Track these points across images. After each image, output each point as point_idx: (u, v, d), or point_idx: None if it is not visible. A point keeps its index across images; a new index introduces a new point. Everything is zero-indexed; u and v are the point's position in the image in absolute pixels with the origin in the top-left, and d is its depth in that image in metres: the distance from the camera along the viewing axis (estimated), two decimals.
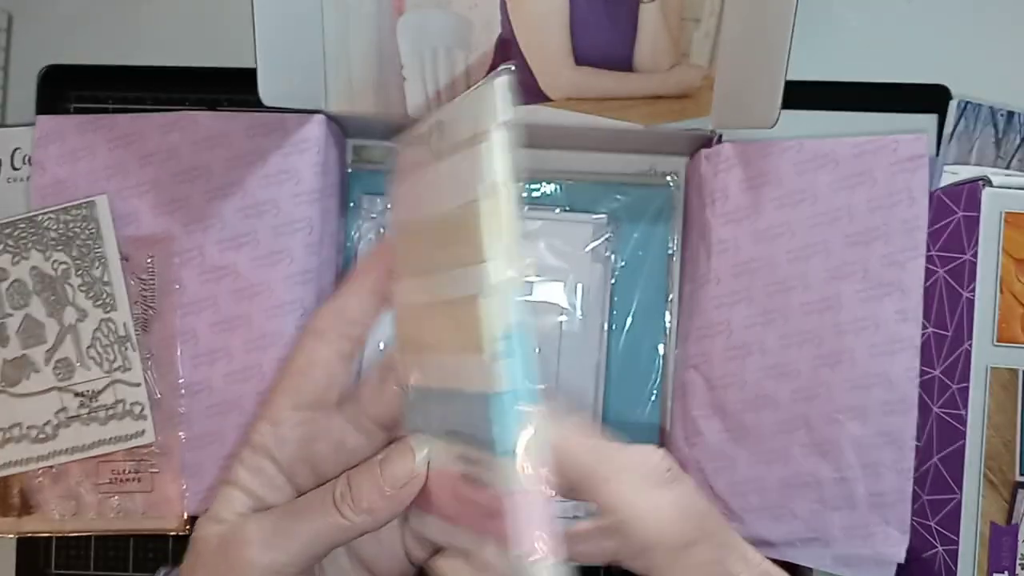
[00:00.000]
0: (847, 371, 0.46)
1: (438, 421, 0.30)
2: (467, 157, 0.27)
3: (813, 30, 0.50)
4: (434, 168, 0.29)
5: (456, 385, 0.28)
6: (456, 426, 0.29)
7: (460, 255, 0.27)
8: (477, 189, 0.26)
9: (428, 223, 0.30)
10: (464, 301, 0.27)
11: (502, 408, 0.26)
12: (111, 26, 0.52)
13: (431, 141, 0.30)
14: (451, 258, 0.27)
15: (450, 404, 0.29)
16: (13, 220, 0.47)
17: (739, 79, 0.45)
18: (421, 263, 0.30)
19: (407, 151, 0.33)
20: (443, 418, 0.30)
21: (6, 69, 0.52)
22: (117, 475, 0.47)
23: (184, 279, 0.47)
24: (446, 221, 0.28)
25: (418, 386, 0.31)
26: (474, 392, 0.27)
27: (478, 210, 0.26)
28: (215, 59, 0.51)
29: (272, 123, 0.47)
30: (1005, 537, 0.43)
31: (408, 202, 0.32)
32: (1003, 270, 0.44)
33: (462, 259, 0.27)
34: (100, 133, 0.48)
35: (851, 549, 0.46)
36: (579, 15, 0.46)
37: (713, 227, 0.48)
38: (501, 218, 0.26)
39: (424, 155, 0.30)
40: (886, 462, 0.46)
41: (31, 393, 0.46)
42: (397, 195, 0.34)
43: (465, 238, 0.27)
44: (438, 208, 0.29)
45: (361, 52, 0.47)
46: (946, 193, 0.46)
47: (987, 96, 0.51)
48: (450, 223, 0.28)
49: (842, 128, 0.49)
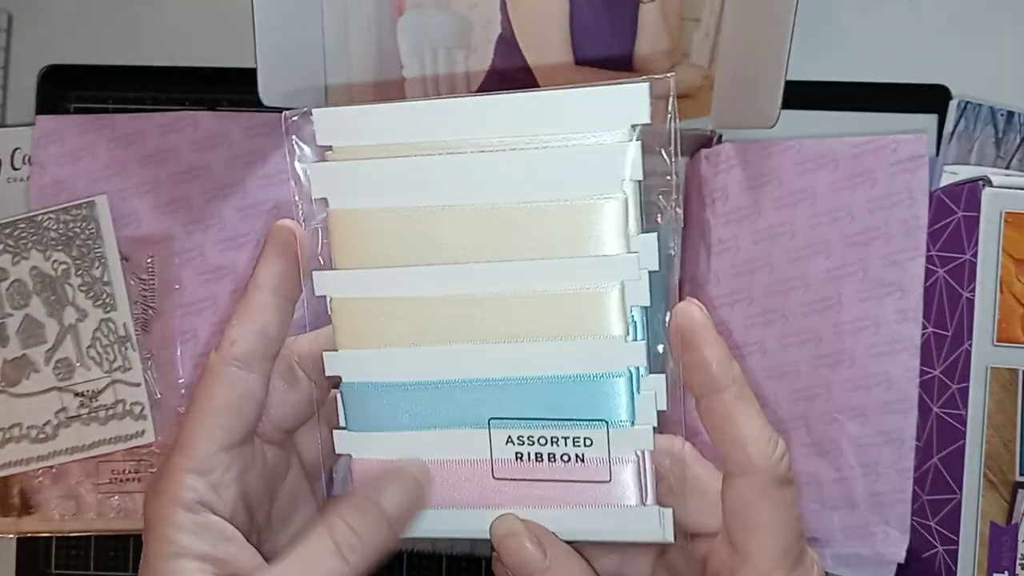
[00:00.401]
0: (847, 371, 0.46)
1: (471, 412, 0.30)
2: (595, 154, 0.29)
3: (813, 30, 0.50)
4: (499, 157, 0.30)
5: (545, 371, 0.30)
6: (519, 412, 0.30)
7: (576, 246, 0.29)
8: (610, 185, 0.29)
9: (488, 211, 0.30)
10: (584, 290, 0.29)
11: (629, 383, 0.29)
12: (111, 26, 0.52)
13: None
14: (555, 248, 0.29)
15: (513, 391, 0.30)
16: (13, 220, 0.47)
17: (739, 79, 0.45)
18: (461, 251, 0.30)
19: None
20: (486, 407, 0.30)
21: (6, 69, 0.52)
22: (117, 475, 0.47)
23: (184, 279, 0.47)
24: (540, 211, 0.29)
25: (421, 380, 0.31)
26: (584, 374, 0.29)
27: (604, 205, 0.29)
28: (215, 59, 0.51)
29: (272, 123, 0.47)
30: (1005, 537, 0.43)
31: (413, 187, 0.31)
32: (1003, 270, 0.44)
33: (580, 250, 0.29)
34: (100, 133, 0.48)
35: (851, 549, 0.46)
36: (579, 15, 0.46)
37: (713, 227, 0.48)
38: (629, 213, 0.29)
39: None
40: (886, 462, 0.46)
41: (31, 393, 0.46)
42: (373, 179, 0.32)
43: (584, 231, 0.29)
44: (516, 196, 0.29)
45: (361, 52, 0.47)
46: (946, 193, 0.46)
47: (987, 96, 0.51)
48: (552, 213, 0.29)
49: (842, 128, 0.49)
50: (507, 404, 0.30)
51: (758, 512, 0.28)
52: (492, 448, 0.30)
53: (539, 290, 0.29)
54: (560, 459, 0.30)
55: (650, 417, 0.30)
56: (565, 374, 0.30)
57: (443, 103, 0.30)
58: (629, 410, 0.30)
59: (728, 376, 0.29)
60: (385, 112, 0.30)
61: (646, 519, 0.30)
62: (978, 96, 0.51)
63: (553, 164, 0.29)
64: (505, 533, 0.30)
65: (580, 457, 0.30)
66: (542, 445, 0.30)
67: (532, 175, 0.29)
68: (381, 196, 0.30)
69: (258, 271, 0.31)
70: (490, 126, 0.29)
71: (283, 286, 0.31)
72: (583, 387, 0.30)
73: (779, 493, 0.28)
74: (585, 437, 0.30)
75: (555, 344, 0.30)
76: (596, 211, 0.29)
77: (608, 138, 0.29)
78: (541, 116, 0.29)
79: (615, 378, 0.29)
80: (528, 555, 0.30)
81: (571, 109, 0.29)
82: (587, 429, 0.30)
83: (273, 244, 0.31)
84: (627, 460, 0.30)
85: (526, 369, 0.30)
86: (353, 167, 0.30)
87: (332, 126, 0.30)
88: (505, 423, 0.30)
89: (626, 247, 0.29)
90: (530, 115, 0.29)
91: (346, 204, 0.30)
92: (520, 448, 0.30)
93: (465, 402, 0.30)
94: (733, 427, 0.28)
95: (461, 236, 0.30)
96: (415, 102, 0.30)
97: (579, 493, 0.30)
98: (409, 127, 0.30)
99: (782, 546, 0.28)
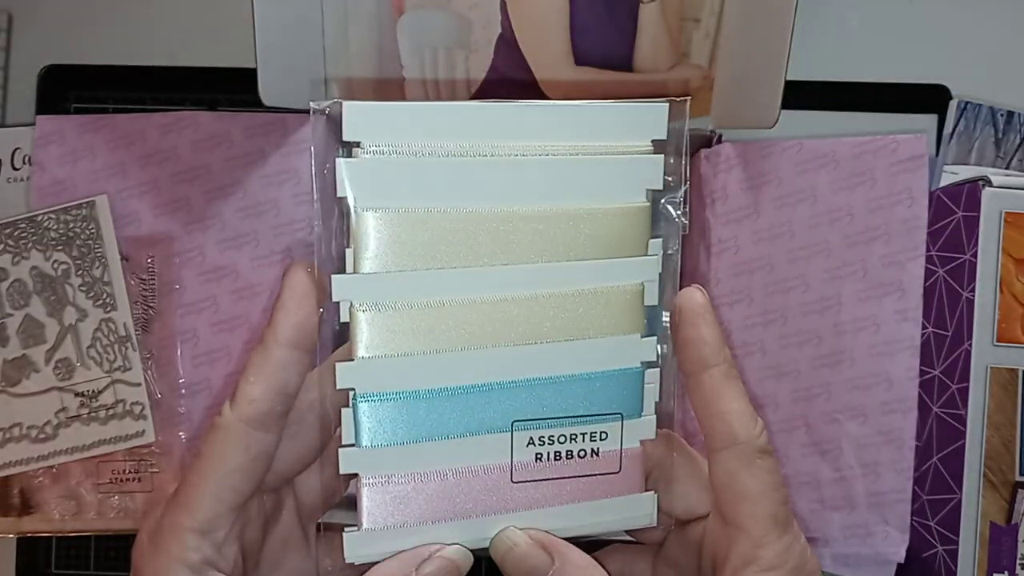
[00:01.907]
0: (847, 371, 0.46)
1: (493, 416, 0.30)
2: (624, 164, 0.31)
3: (813, 30, 0.50)
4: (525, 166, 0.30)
5: (569, 370, 0.30)
6: (542, 412, 0.30)
7: (611, 247, 0.30)
8: (636, 193, 0.31)
9: (518, 215, 0.30)
10: (611, 288, 0.30)
11: (641, 377, 0.31)
12: (111, 26, 0.52)
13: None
14: (584, 251, 0.30)
15: (536, 391, 0.30)
16: (13, 220, 0.47)
17: (739, 79, 0.45)
18: (491, 256, 0.30)
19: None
20: (509, 410, 0.30)
21: (6, 69, 0.52)
22: (117, 475, 0.47)
23: (184, 279, 0.47)
24: (570, 215, 0.30)
25: (443, 386, 0.30)
26: (611, 370, 0.31)
27: (638, 212, 0.31)
28: (215, 59, 0.51)
29: (272, 123, 0.47)
30: (1005, 537, 0.43)
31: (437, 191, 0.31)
32: (1003, 270, 0.44)
33: (615, 252, 0.30)
34: (100, 133, 0.48)
35: (851, 549, 0.46)
36: (579, 15, 0.46)
37: (713, 227, 0.48)
38: (650, 219, 0.31)
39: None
40: (886, 462, 0.46)
41: (31, 393, 0.46)
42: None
43: (617, 234, 0.30)
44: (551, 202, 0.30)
45: (361, 52, 0.47)
46: (946, 193, 0.46)
47: (987, 96, 0.51)
48: (582, 217, 0.30)
49: (842, 128, 0.49)
50: (530, 405, 0.30)
51: (745, 481, 0.29)
52: (513, 451, 0.30)
53: (569, 291, 0.30)
54: (577, 455, 0.31)
55: (652, 407, 0.32)
56: (587, 372, 0.30)
57: (478, 107, 0.30)
58: (639, 402, 0.31)
59: (720, 355, 0.30)
60: (418, 111, 0.29)
61: (643, 505, 0.32)
62: (978, 96, 0.51)
63: (584, 171, 0.30)
64: (506, 549, 0.30)
65: (596, 451, 0.31)
66: (562, 443, 0.31)
67: (564, 181, 0.30)
68: (412, 197, 0.29)
69: (277, 322, 0.29)
70: (523, 133, 0.30)
71: (303, 340, 0.29)
72: (603, 383, 0.31)
73: (762, 461, 0.29)
74: (602, 431, 0.31)
75: (579, 343, 0.30)
76: (625, 216, 0.31)
77: (630, 148, 0.31)
78: (573, 126, 0.30)
79: (632, 374, 0.31)
80: (534, 561, 0.30)
81: (600, 121, 0.31)
82: (604, 423, 0.31)
83: (291, 294, 0.29)
84: (634, 450, 0.31)
85: (550, 369, 0.30)
86: (385, 165, 0.29)
87: (362, 121, 0.29)
88: (528, 425, 0.30)
89: (646, 250, 0.31)
90: (563, 124, 0.30)
91: (374, 203, 0.29)
92: (541, 449, 0.30)
93: (488, 406, 0.30)
94: (720, 401, 0.30)
95: (491, 240, 0.29)
96: (448, 103, 0.30)
97: (590, 487, 0.31)
98: (441, 128, 0.29)
99: (771, 510, 0.29)
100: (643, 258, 0.31)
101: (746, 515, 0.29)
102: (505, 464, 0.30)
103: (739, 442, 0.29)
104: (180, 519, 0.28)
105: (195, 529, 0.28)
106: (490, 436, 0.30)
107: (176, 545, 0.28)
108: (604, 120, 0.31)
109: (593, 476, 0.31)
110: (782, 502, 0.30)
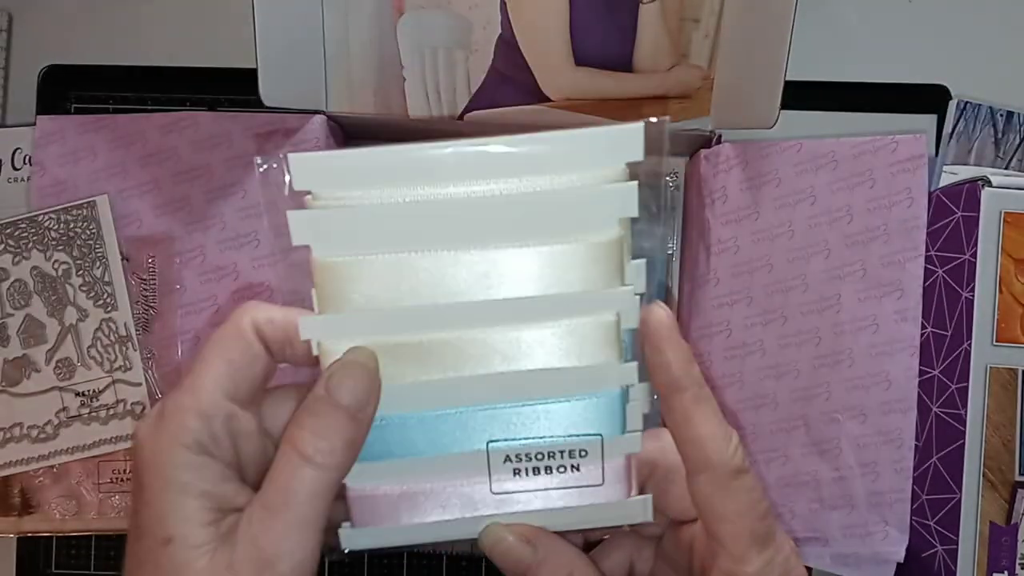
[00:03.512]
0: (846, 371, 0.46)
1: (469, 437, 0.31)
2: (593, 195, 0.29)
3: (813, 30, 0.50)
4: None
5: (544, 396, 0.30)
6: (517, 433, 0.31)
7: (585, 281, 0.30)
8: (608, 223, 0.29)
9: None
10: (584, 322, 0.30)
11: (623, 398, 0.31)
12: (111, 26, 0.52)
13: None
14: (555, 284, 0.30)
15: (512, 414, 0.30)
16: (14, 220, 0.47)
17: (739, 79, 0.45)
18: (455, 294, 0.30)
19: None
20: (484, 431, 0.31)
21: (6, 69, 0.52)
22: (118, 475, 0.47)
23: (185, 279, 0.47)
24: (537, 252, 0.29)
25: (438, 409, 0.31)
26: (598, 392, 0.30)
27: (610, 245, 0.29)
28: (215, 59, 0.51)
29: (272, 123, 0.47)
30: (1004, 537, 0.43)
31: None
32: (1002, 270, 0.44)
33: (589, 285, 0.30)
34: (100, 133, 0.48)
35: (850, 548, 0.46)
36: (579, 15, 0.46)
37: (713, 227, 0.48)
38: (624, 247, 0.30)
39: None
40: (885, 462, 0.46)
41: (32, 393, 0.46)
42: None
43: (591, 268, 0.30)
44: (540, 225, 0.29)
45: (361, 52, 0.47)
46: (945, 193, 0.46)
47: (987, 96, 0.51)
48: (553, 252, 0.30)
49: (842, 128, 0.49)
50: (506, 427, 0.31)
51: (721, 502, 0.30)
52: (491, 467, 0.31)
53: (541, 325, 0.30)
54: (556, 471, 0.31)
55: (637, 423, 0.31)
56: (564, 396, 0.30)
57: (428, 152, 0.29)
58: (622, 422, 0.31)
59: (688, 378, 0.30)
60: (365, 157, 0.29)
61: (633, 507, 0.32)
62: (978, 96, 0.51)
63: (551, 207, 0.29)
64: (493, 543, 0.31)
65: (576, 467, 0.31)
66: (539, 460, 0.31)
67: (530, 219, 0.29)
68: (368, 243, 0.29)
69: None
70: (485, 172, 0.29)
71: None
72: (580, 407, 0.31)
73: (737, 482, 0.30)
74: (581, 449, 0.31)
75: (555, 372, 0.30)
76: (596, 250, 0.29)
77: (602, 176, 0.30)
78: (540, 160, 0.29)
79: (611, 397, 0.30)
80: (518, 554, 0.31)
81: (566, 152, 0.29)
82: (583, 442, 0.31)
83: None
84: (619, 464, 0.31)
85: (526, 395, 0.30)
86: (336, 213, 0.29)
87: (309, 171, 0.29)
88: (503, 444, 0.31)
89: (622, 279, 0.30)
90: (529, 159, 0.29)
91: (330, 251, 0.29)
92: (518, 465, 0.31)
93: (463, 428, 0.31)
94: (690, 428, 0.30)
95: (454, 279, 0.29)
96: (396, 147, 0.29)
97: (573, 496, 0.31)
98: (392, 174, 0.29)
99: (749, 528, 0.30)
100: (617, 290, 0.30)
101: (726, 534, 0.30)
102: (484, 478, 0.31)
103: (713, 466, 0.30)
104: (181, 400, 0.29)
105: (195, 410, 0.29)
106: (467, 454, 0.31)
107: (176, 423, 0.29)
108: (574, 149, 0.29)
109: (575, 488, 0.31)
110: (761, 517, 0.30)
